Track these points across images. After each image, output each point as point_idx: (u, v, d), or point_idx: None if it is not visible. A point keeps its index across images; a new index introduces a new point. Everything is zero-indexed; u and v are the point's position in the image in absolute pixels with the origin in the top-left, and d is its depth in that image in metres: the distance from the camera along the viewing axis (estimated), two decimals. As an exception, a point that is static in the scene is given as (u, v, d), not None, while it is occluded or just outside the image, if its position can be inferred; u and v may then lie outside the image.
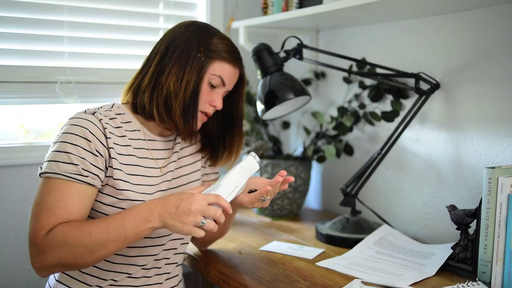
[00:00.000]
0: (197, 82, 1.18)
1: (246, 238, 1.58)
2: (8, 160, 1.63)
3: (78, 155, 1.09)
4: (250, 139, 1.84)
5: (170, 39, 1.21)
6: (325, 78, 1.97)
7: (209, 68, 1.19)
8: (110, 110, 1.19)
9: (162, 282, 1.26)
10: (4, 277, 1.64)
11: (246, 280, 1.24)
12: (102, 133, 1.13)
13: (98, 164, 1.11)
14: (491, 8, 1.38)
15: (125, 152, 1.17)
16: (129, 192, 1.15)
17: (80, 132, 1.10)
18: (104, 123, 1.13)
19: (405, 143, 1.65)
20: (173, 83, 1.17)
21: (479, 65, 1.43)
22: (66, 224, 1.06)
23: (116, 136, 1.16)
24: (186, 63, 1.17)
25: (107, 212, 1.15)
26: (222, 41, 1.22)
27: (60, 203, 1.07)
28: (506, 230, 1.13)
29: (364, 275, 1.24)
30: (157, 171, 1.24)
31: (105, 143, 1.13)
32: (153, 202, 1.08)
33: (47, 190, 1.08)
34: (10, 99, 1.66)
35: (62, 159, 1.08)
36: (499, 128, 1.39)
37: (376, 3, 1.34)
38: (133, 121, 1.22)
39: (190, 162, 1.33)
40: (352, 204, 1.58)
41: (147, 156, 1.23)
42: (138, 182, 1.18)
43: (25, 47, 1.67)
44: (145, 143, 1.23)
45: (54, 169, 1.08)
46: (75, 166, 1.08)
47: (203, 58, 1.18)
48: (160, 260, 1.25)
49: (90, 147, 1.10)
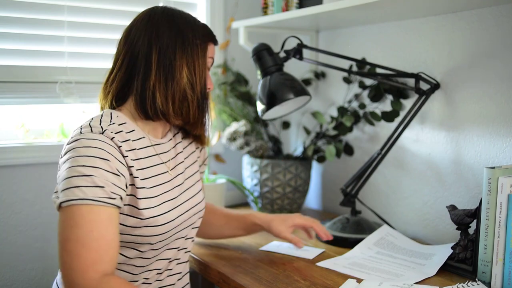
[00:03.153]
0: (204, 67, 1.18)
1: (246, 238, 1.58)
2: (8, 160, 1.63)
3: (101, 177, 1.00)
4: (250, 139, 1.84)
5: (157, 33, 1.13)
6: (325, 78, 1.97)
7: (207, 52, 1.20)
8: (112, 123, 1.10)
9: (175, 283, 1.25)
10: (4, 277, 1.64)
11: (246, 280, 1.24)
12: (119, 152, 1.06)
13: (121, 184, 1.04)
14: (491, 8, 1.38)
15: (138, 166, 1.12)
16: (150, 210, 1.11)
17: (96, 153, 1.02)
18: (117, 141, 1.07)
19: (405, 143, 1.65)
20: (187, 75, 1.14)
21: (479, 65, 1.43)
22: (120, 281, 1.00)
23: (128, 151, 1.10)
24: (193, 53, 1.15)
25: (128, 232, 1.10)
26: (203, 25, 1.22)
27: (94, 234, 0.97)
28: (506, 230, 1.13)
29: (365, 275, 1.24)
30: (168, 176, 1.21)
31: (124, 162, 1.07)
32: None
33: (74, 222, 0.97)
34: (10, 99, 1.66)
35: (85, 183, 0.99)
36: (499, 128, 1.39)
37: (376, 3, 1.34)
38: (136, 129, 1.16)
39: (191, 160, 1.33)
40: (352, 204, 1.58)
41: (157, 162, 1.19)
42: (155, 194, 1.14)
43: (25, 47, 1.67)
44: (152, 149, 1.19)
45: (80, 195, 0.98)
46: (101, 189, 1.00)
47: (202, 45, 1.18)
48: (172, 261, 1.24)
49: (111, 168, 1.03)
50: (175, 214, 1.18)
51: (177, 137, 1.30)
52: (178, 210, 1.19)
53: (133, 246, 1.13)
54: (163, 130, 1.24)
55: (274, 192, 1.80)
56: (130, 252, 1.14)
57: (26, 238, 1.67)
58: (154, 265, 1.18)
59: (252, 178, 1.83)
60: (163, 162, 1.20)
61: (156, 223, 1.12)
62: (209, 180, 1.86)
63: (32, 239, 1.68)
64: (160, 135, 1.23)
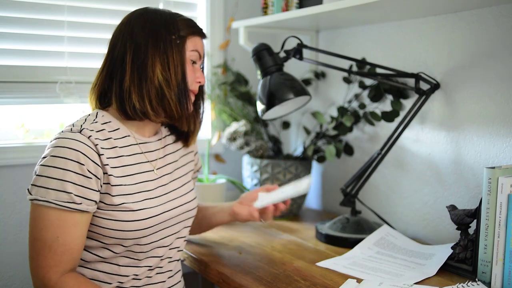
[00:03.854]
0: (182, 62, 1.18)
1: (246, 238, 1.58)
2: (8, 160, 1.63)
3: (70, 181, 1.05)
4: (250, 139, 1.84)
5: (131, 35, 1.17)
6: (325, 78, 1.97)
7: (186, 46, 1.19)
8: (95, 122, 1.15)
9: (165, 280, 1.26)
10: (4, 277, 1.64)
11: (246, 280, 1.24)
12: (95, 151, 1.09)
13: (92, 186, 1.08)
14: (491, 8, 1.38)
15: (118, 164, 1.15)
16: (128, 204, 1.14)
17: (71, 155, 1.06)
18: (94, 140, 1.10)
19: (405, 143, 1.65)
20: (160, 72, 1.15)
21: (479, 65, 1.43)
22: (77, 281, 1.09)
23: (107, 149, 1.13)
24: (166, 49, 1.16)
25: (108, 226, 1.13)
26: (184, 19, 1.21)
27: (60, 240, 1.06)
28: (506, 230, 1.13)
29: (365, 275, 1.24)
30: (153, 174, 1.23)
31: (99, 162, 1.10)
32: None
33: (43, 225, 1.06)
34: (10, 99, 1.66)
35: (53, 186, 1.05)
36: (499, 128, 1.39)
37: (376, 3, 1.34)
38: (121, 128, 1.19)
39: (183, 162, 1.35)
40: (352, 204, 1.58)
41: (142, 160, 1.21)
42: (136, 190, 1.17)
43: (25, 47, 1.67)
44: (137, 147, 1.22)
45: (46, 197, 1.05)
46: (67, 194, 1.05)
47: (178, 40, 1.18)
48: (164, 259, 1.25)
49: (82, 170, 1.07)
50: (158, 211, 1.20)
51: (168, 138, 1.32)
52: (162, 208, 1.21)
53: (119, 242, 1.16)
54: (150, 129, 1.26)
55: (274, 192, 1.79)
56: (117, 248, 1.16)
57: (26, 238, 1.66)
58: (144, 262, 1.20)
59: (252, 178, 1.83)
60: (148, 160, 1.23)
61: (136, 217, 1.14)
62: (209, 180, 1.86)
63: (32, 239, 1.68)
64: (147, 134, 1.26)
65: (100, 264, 1.17)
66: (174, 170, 1.30)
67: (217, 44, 2.04)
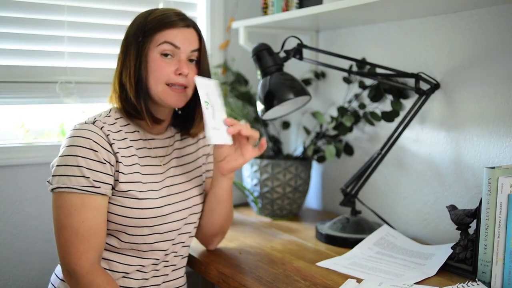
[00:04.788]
0: (138, 63, 1.19)
1: (246, 238, 1.58)
2: (8, 160, 1.63)
3: (87, 167, 1.12)
4: (250, 139, 1.84)
5: (124, 39, 1.25)
6: (325, 78, 1.97)
7: (150, 44, 1.19)
8: (109, 116, 1.22)
9: (168, 274, 1.30)
10: (4, 277, 1.64)
11: (246, 280, 1.24)
12: (106, 140, 1.16)
13: (107, 171, 1.15)
14: (491, 8, 1.38)
15: (128, 154, 1.21)
16: (134, 192, 1.19)
17: (85, 143, 1.13)
18: (106, 131, 1.16)
19: (405, 143, 1.65)
20: (124, 76, 1.20)
21: (479, 65, 1.43)
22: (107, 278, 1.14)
23: (118, 140, 1.19)
24: (127, 53, 1.21)
25: (113, 211, 1.18)
26: (156, 16, 1.21)
27: (85, 224, 1.11)
28: (506, 230, 1.13)
29: (365, 275, 1.24)
30: (160, 168, 1.28)
31: (111, 150, 1.16)
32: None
33: (68, 212, 1.11)
34: (10, 99, 1.66)
35: (72, 172, 1.11)
36: (499, 128, 1.39)
37: (376, 3, 1.34)
38: (131, 124, 1.25)
39: (193, 158, 1.38)
40: (352, 204, 1.58)
41: (150, 154, 1.27)
42: (142, 180, 1.22)
43: (25, 47, 1.67)
44: (147, 142, 1.27)
45: (67, 183, 1.11)
46: (86, 179, 1.12)
47: (142, 41, 1.19)
48: (169, 254, 1.29)
49: (97, 157, 1.13)
50: (160, 203, 1.23)
51: (177, 136, 1.36)
52: (164, 200, 1.24)
53: (122, 229, 1.20)
54: (158, 127, 1.29)
55: (274, 192, 1.80)
56: (123, 236, 1.21)
57: (26, 238, 1.67)
58: (150, 255, 1.24)
59: (252, 178, 1.83)
60: (156, 156, 1.28)
61: (139, 205, 1.19)
62: (209, 180, 1.86)
63: (32, 239, 1.68)
64: (154, 131, 1.30)
65: (107, 253, 1.21)
66: (181, 167, 1.33)
67: (217, 44, 2.04)
